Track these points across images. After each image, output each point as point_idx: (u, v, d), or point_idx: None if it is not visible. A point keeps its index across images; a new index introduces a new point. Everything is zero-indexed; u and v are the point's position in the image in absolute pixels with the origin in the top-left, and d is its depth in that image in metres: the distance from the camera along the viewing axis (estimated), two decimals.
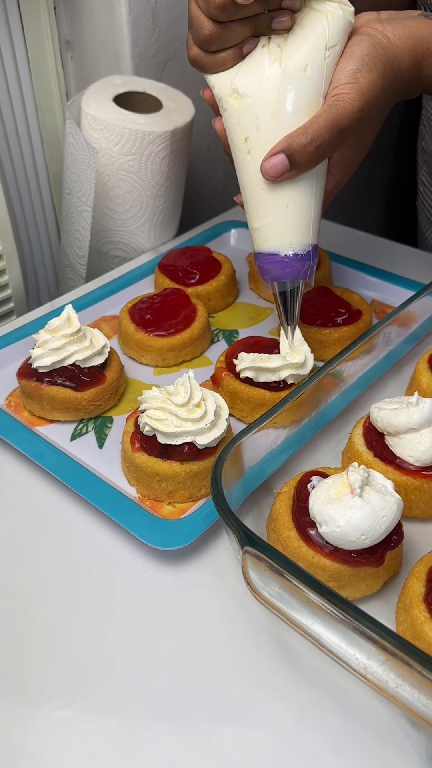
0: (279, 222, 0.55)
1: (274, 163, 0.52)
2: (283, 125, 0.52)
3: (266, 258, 0.56)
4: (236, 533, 0.41)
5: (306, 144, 0.51)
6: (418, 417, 0.49)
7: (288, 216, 0.54)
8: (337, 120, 0.51)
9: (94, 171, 0.74)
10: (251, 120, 0.53)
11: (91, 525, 0.52)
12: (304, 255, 0.55)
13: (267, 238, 0.56)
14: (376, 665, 0.36)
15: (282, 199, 0.54)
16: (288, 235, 0.55)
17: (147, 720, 0.41)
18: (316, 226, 0.56)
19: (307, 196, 0.54)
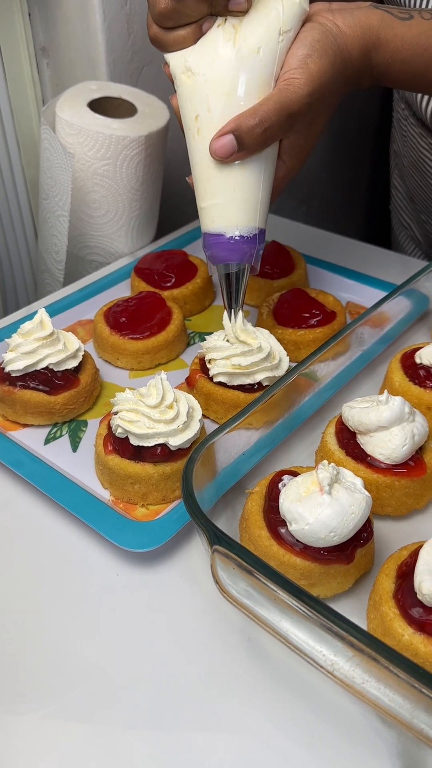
0: (226, 203, 0.55)
1: (223, 143, 0.52)
2: (233, 106, 0.53)
3: (212, 239, 0.56)
4: (206, 532, 0.41)
5: (254, 126, 0.51)
6: (388, 415, 0.49)
7: (235, 197, 0.55)
8: (286, 104, 0.52)
9: (71, 176, 0.74)
10: (202, 99, 0.53)
11: (63, 528, 0.52)
12: (250, 238, 0.56)
13: (213, 219, 0.56)
14: (342, 661, 0.36)
15: (230, 180, 0.54)
16: (234, 217, 0.55)
17: (118, 723, 0.41)
18: (264, 211, 0.56)
19: (255, 179, 0.54)
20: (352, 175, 1.48)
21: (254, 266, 0.58)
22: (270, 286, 0.75)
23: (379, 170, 1.49)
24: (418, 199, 0.96)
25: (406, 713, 0.34)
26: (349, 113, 1.35)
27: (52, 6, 0.88)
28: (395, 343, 0.69)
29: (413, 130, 0.89)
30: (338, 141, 1.37)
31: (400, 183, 1.00)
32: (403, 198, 1.01)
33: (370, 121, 1.43)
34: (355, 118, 1.38)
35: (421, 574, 0.40)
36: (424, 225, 0.99)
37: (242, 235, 0.55)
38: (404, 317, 0.71)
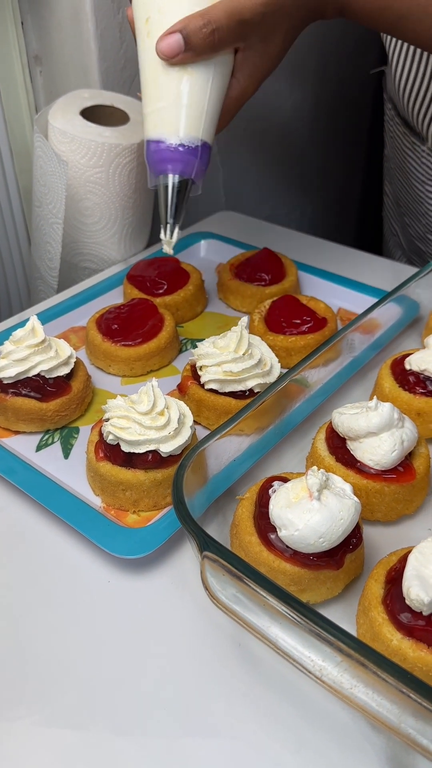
0: (169, 107, 0.54)
1: (169, 42, 0.52)
2: (183, 8, 0.52)
3: (153, 145, 0.55)
4: (195, 538, 0.41)
5: (202, 26, 0.51)
6: (377, 421, 0.50)
7: (179, 103, 0.54)
8: (238, 8, 0.51)
9: (65, 183, 0.75)
10: (154, 0, 0.53)
11: (54, 535, 0.52)
12: (191, 148, 0.54)
13: (156, 124, 0.55)
14: (331, 667, 0.36)
15: (175, 83, 0.54)
16: (176, 123, 0.54)
17: (110, 730, 0.41)
18: (209, 123, 0.55)
19: (201, 86, 0.54)
20: (344, 182, 1.49)
21: (196, 184, 0.56)
22: (262, 292, 0.76)
23: (371, 177, 1.50)
24: (403, 201, 0.97)
25: (394, 718, 0.34)
26: (341, 118, 1.36)
27: (45, 14, 0.88)
28: (386, 349, 0.70)
29: (398, 129, 0.89)
30: (330, 147, 1.37)
31: (389, 188, 1.01)
32: (391, 204, 1.02)
33: (362, 127, 1.44)
34: (348, 123, 1.39)
35: (410, 580, 0.40)
36: (408, 229, 0.99)
37: (183, 144, 0.54)
38: (395, 323, 0.71)
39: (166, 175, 0.55)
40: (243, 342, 0.60)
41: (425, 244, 0.97)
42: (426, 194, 0.90)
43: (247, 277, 0.77)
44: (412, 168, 0.90)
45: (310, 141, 1.31)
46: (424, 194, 0.90)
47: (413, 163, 0.88)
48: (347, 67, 1.29)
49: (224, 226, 0.94)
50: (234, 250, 0.86)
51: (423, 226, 0.95)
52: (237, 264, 0.80)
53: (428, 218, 0.92)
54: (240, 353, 0.59)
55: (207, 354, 0.60)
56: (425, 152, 0.84)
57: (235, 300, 0.77)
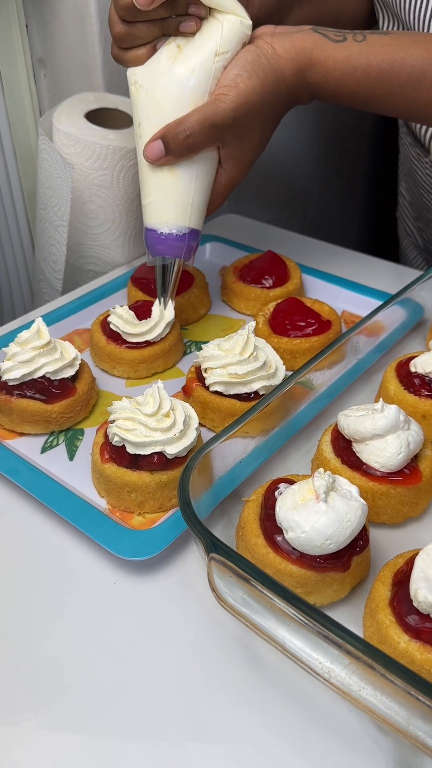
0: (159, 202, 0.62)
1: (152, 147, 0.59)
2: (167, 117, 0.59)
3: (149, 233, 0.64)
4: (202, 540, 0.41)
5: (178, 133, 0.58)
6: (383, 423, 0.50)
7: (167, 198, 0.62)
8: (210, 116, 0.58)
9: (70, 186, 0.75)
10: (144, 108, 0.61)
11: (59, 536, 0.52)
12: (180, 235, 0.63)
13: (150, 215, 0.63)
14: (339, 669, 0.36)
15: (162, 181, 0.61)
16: (165, 215, 0.62)
17: (114, 733, 0.41)
18: (197, 212, 0.63)
19: (186, 182, 0.61)
20: (347, 185, 1.49)
21: (186, 261, 0.65)
22: (266, 295, 0.76)
23: (375, 179, 1.50)
24: (416, 206, 0.97)
25: (403, 720, 0.34)
26: (342, 123, 1.36)
27: (50, 17, 0.89)
28: (390, 351, 0.70)
29: (406, 139, 0.91)
30: (332, 151, 1.38)
31: (404, 189, 1.01)
32: (407, 205, 1.02)
33: (365, 131, 1.44)
34: (350, 127, 1.39)
35: (417, 582, 0.40)
36: (422, 233, 1.00)
37: (172, 233, 0.63)
38: (399, 326, 0.71)
39: (159, 257, 0.64)
40: (249, 344, 0.60)
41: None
42: (431, 203, 0.90)
43: (251, 280, 0.77)
44: (418, 177, 0.91)
45: (313, 143, 1.31)
46: (429, 202, 0.91)
47: (419, 172, 0.90)
48: None
49: (228, 229, 0.94)
50: (238, 253, 0.86)
51: (431, 232, 0.95)
52: (241, 267, 0.80)
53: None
54: (245, 356, 0.59)
55: (212, 356, 0.60)
56: (428, 164, 0.86)
57: (239, 302, 0.77)
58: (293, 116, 1.22)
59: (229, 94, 0.58)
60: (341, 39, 0.61)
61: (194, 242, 0.64)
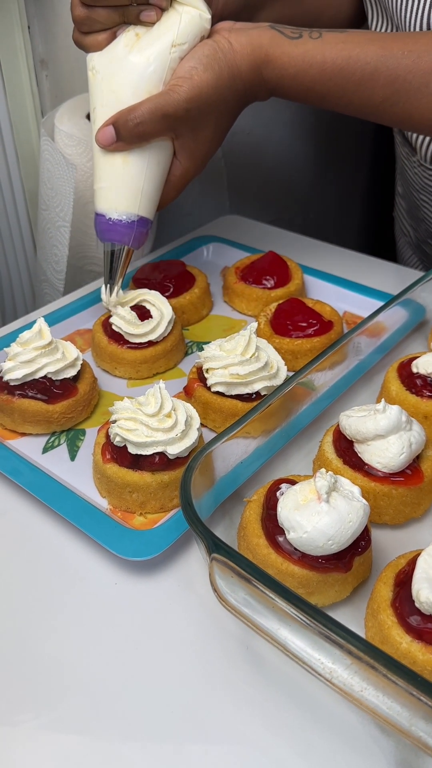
0: (109, 188, 0.63)
1: (103, 132, 0.60)
2: (121, 103, 0.60)
3: (98, 218, 0.64)
4: (204, 540, 0.41)
5: (129, 120, 0.59)
6: (385, 424, 0.49)
7: (117, 184, 0.62)
8: (161, 105, 0.58)
9: (73, 187, 0.75)
10: (98, 94, 0.61)
11: (61, 536, 0.52)
12: (128, 222, 0.63)
13: (99, 200, 0.64)
14: (341, 669, 0.36)
15: (113, 167, 0.62)
16: (114, 201, 0.63)
17: (115, 734, 0.41)
18: (147, 201, 0.63)
19: (137, 170, 0.62)
20: (347, 186, 1.49)
21: (135, 248, 0.65)
22: (267, 296, 0.76)
23: (375, 180, 1.50)
24: (409, 205, 0.98)
25: (405, 721, 0.34)
26: (343, 124, 1.36)
27: (52, 19, 0.89)
28: (392, 352, 0.70)
29: (397, 138, 0.92)
30: (332, 152, 1.38)
31: (403, 191, 1.02)
32: (404, 205, 1.03)
33: (366, 132, 1.44)
34: (350, 128, 1.39)
35: (419, 583, 0.40)
36: (415, 232, 1.01)
37: (120, 219, 0.63)
38: (401, 327, 0.71)
39: (105, 243, 0.65)
40: (251, 345, 0.60)
41: (429, 246, 0.98)
42: (421, 202, 0.91)
43: (253, 280, 0.77)
44: (408, 176, 0.92)
45: (314, 143, 1.31)
46: (420, 201, 0.92)
47: (409, 171, 0.91)
48: None
49: (229, 230, 0.94)
50: (239, 254, 0.86)
51: (423, 231, 0.96)
52: (242, 267, 0.80)
53: (426, 224, 0.94)
54: (247, 356, 0.59)
55: (214, 356, 0.60)
56: (416, 163, 0.87)
57: (241, 303, 0.77)
58: (293, 117, 1.22)
59: (183, 85, 0.59)
60: (297, 36, 0.61)
61: (143, 230, 0.64)
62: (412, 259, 1.06)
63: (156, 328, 0.66)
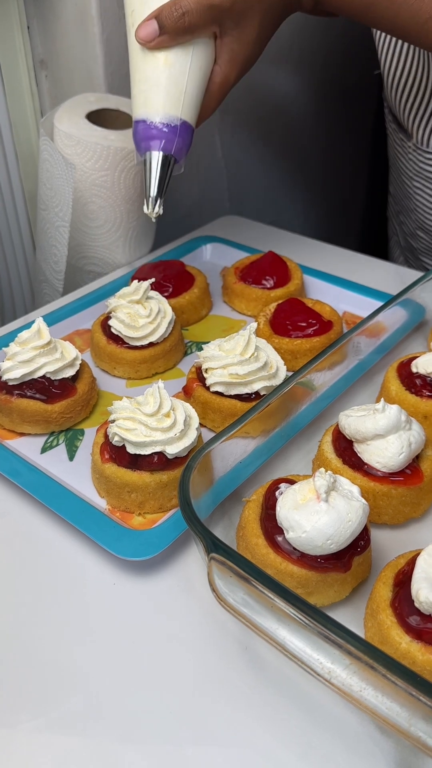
0: (150, 88, 0.59)
1: (145, 26, 0.58)
2: (162, 1, 0.57)
3: (137, 126, 0.61)
4: (202, 540, 0.41)
5: (173, 11, 0.57)
6: (384, 423, 0.49)
7: (159, 84, 0.59)
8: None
9: (72, 186, 0.75)
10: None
11: (59, 537, 0.52)
12: (171, 126, 0.59)
13: (139, 104, 0.60)
14: (339, 669, 0.36)
15: (155, 66, 0.59)
16: (157, 103, 0.59)
17: (113, 735, 0.40)
18: (190, 104, 0.60)
19: (180, 69, 0.59)
20: (349, 184, 1.49)
21: (178, 160, 0.61)
22: (266, 296, 0.75)
23: (375, 182, 1.50)
24: (397, 198, 0.98)
25: (404, 721, 0.34)
26: (345, 121, 1.36)
27: (51, 19, 0.89)
28: (392, 352, 0.70)
29: (391, 126, 0.92)
30: (335, 150, 1.38)
31: (395, 191, 1.03)
32: (393, 203, 1.04)
33: (366, 130, 1.44)
34: (352, 125, 1.39)
35: (419, 582, 0.40)
36: (402, 227, 1.01)
37: (163, 122, 0.59)
38: (400, 327, 0.71)
39: (149, 152, 0.60)
40: (250, 345, 0.60)
41: (416, 240, 0.98)
42: (414, 189, 0.91)
43: (252, 281, 0.77)
44: (401, 164, 0.92)
45: (314, 144, 1.31)
46: (412, 189, 0.92)
47: (402, 159, 0.91)
48: (351, 69, 1.29)
49: (229, 230, 0.94)
50: (239, 254, 0.86)
51: (413, 222, 0.96)
52: (242, 267, 0.80)
53: (417, 214, 0.94)
54: (246, 356, 0.59)
55: (213, 356, 0.60)
56: (411, 148, 0.87)
57: (240, 303, 0.77)
58: (296, 114, 1.22)
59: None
60: None
61: (186, 138, 0.61)
62: (399, 259, 1.07)
63: (156, 330, 0.66)
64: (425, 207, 0.91)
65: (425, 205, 0.91)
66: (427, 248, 0.97)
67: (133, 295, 0.66)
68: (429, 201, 0.89)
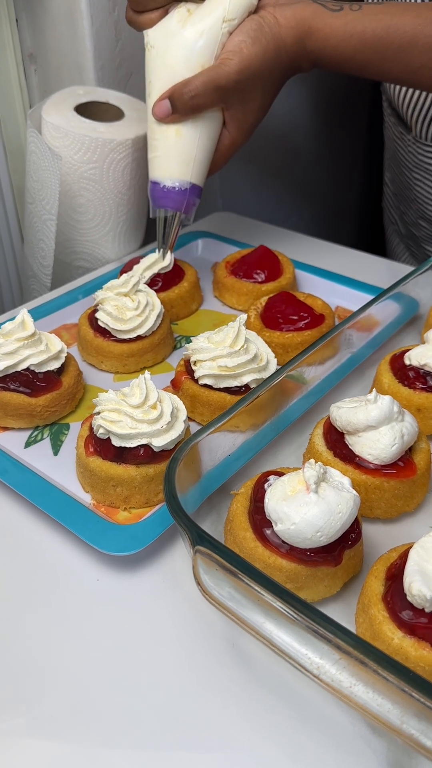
0: (163, 156, 0.67)
1: (160, 105, 0.64)
2: (176, 77, 0.64)
3: (152, 186, 0.68)
4: (188, 532, 0.40)
5: (184, 93, 0.63)
6: (377, 414, 0.48)
7: (170, 153, 0.66)
8: (214, 78, 0.62)
9: (58, 178, 0.73)
10: (153, 68, 0.65)
11: (42, 532, 0.50)
12: (181, 190, 0.67)
13: (154, 168, 0.68)
14: (329, 665, 0.34)
15: (166, 138, 0.66)
16: (169, 169, 0.67)
17: (96, 738, 0.39)
18: (198, 169, 0.67)
19: (190, 140, 0.66)
20: (344, 184, 1.49)
21: (186, 215, 0.69)
22: (258, 290, 0.74)
23: (371, 176, 1.49)
24: (398, 189, 0.99)
25: (396, 719, 0.32)
26: (340, 115, 1.36)
27: (40, 12, 0.88)
28: (385, 347, 0.68)
29: (390, 119, 0.93)
30: (329, 146, 1.37)
31: (388, 178, 1.03)
32: (390, 193, 1.04)
33: (362, 124, 1.43)
34: (347, 120, 1.39)
35: (411, 575, 0.38)
36: (404, 216, 1.01)
37: (174, 186, 0.67)
38: (394, 321, 0.70)
39: (161, 209, 0.69)
40: (240, 337, 0.58)
41: (418, 229, 0.99)
42: (413, 181, 0.92)
43: (243, 275, 0.76)
44: (401, 156, 0.93)
45: (308, 141, 1.30)
46: (412, 181, 0.93)
47: (402, 151, 0.92)
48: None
49: (221, 227, 0.93)
50: (231, 250, 0.85)
51: (414, 212, 0.97)
52: (233, 261, 0.78)
53: (417, 204, 0.95)
54: (236, 348, 0.57)
55: (201, 348, 0.59)
56: (410, 141, 0.88)
57: (231, 297, 0.76)
58: (290, 108, 1.21)
59: (234, 59, 0.62)
60: (338, 9, 0.65)
61: (195, 198, 0.68)
62: (399, 247, 1.07)
63: (144, 323, 0.65)
64: (425, 197, 0.91)
65: (425, 196, 0.91)
66: (430, 236, 0.98)
67: (121, 287, 0.65)
68: (428, 192, 0.90)
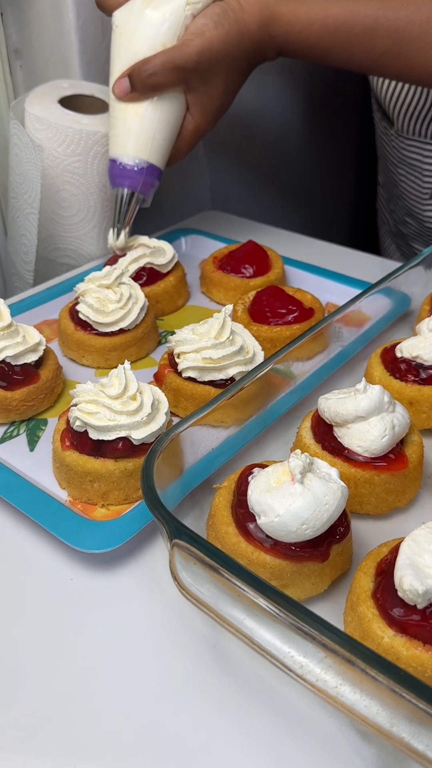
0: (122, 134, 0.67)
1: (120, 83, 0.66)
2: (137, 57, 0.65)
3: (111, 164, 0.69)
4: (165, 525, 0.37)
5: (142, 71, 0.64)
6: (366, 404, 0.46)
7: (130, 131, 0.67)
8: (173, 58, 0.63)
9: (40, 170, 0.71)
10: (117, 48, 0.67)
11: (12, 529, 0.47)
12: (139, 169, 0.67)
13: (113, 146, 0.68)
14: (313, 664, 0.32)
15: (126, 116, 0.67)
16: (127, 147, 0.67)
17: (66, 745, 0.36)
18: (158, 150, 0.68)
19: (149, 119, 0.66)
20: (336, 186, 1.47)
21: (143, 196, 0.69)
22: (246, 285, 0.72)
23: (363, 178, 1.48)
24: (386, 187, 0.99)
25: (385, 722, 0.30)
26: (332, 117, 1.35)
27: (25, 6, 0.86)
28: (376, 341, 0.66)
29: (376, 115, 0.93)
30: (322, 148, 1.36)
31: (381, 178, 1.02)
32: (383, 192, 1.03)
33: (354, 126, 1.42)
34: (340, 122, 1.38)
35: (402, 569, 0.36)
36: (392, 215, 1.01)
37: (131, 164, 0.67)
38: (384, 316, 0.68)
39: (116, 188, 0.69)
40: (225, 328, 0.56)
41: (405, 227, 0.98)
42: (399, 177, 0.92)
43: (231, 269, 0.74)
44: (387, 152, 0.92)
45: (301, 143, 1.29)
46: (397, 177, 0.92)
47: (387, 147, 0.92)
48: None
49: (209, 224, 0.91)
50: (219, 246, 0.83)
51: (401, 209, 0.97)
52: (221, 257, 0.76)
53: (404, 200, 0.94)
54: (221, 339, 0.55)
55: (185, 340, 0.56)
56: (393, 135, 0.88)
57: (219, 293, 0.74)
58: (282, 110, 1.20)
59: (195, 40, 0.63)
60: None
61: (154, 179, 0.68)
62: (390, 247, 1.06)
63: (127, 316, 0.62)
64: (409, 193, 0.91)
65: (409, 192, 0.91)
66: (416, 233, 0.97)
67: (103, 279, 0.63)
68: (412, 187, 0.89)
